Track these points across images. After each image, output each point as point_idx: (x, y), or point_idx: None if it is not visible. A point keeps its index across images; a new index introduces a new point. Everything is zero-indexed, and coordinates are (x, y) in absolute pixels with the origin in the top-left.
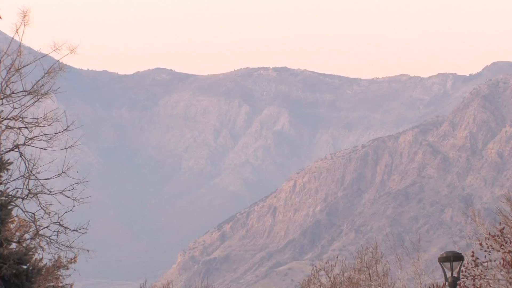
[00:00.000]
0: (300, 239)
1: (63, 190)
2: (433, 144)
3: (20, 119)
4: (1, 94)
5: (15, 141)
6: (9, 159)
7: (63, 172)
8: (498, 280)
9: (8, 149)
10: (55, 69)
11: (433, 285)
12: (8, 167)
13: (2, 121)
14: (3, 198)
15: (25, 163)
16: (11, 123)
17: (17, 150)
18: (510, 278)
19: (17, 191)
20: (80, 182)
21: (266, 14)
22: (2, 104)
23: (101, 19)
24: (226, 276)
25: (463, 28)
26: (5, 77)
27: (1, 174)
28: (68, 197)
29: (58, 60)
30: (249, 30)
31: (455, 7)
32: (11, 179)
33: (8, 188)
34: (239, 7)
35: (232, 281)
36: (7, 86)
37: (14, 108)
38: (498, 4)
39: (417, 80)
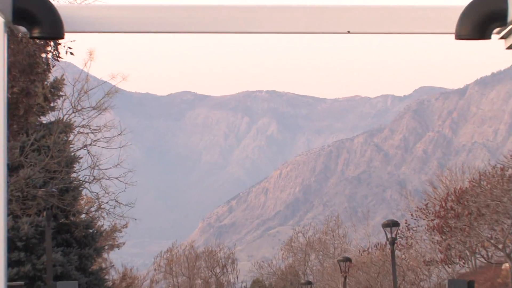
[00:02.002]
0: (285, 210)
1: (118, 177)
2: (377, 144)
3: (88, 127)
4: (74, 109)
5: (84, 142)
6: (80, 155)
7: (118, 164)
8: (424, 240)
9: (79, 148)
10: (112, 91)
11: (378, 243)
12: (79, 161)
13: (74, 128)
14: (75, 182)
15: (91, 158)
16: (81, 130)
17: (85, 148)
18: (432, 238)
19: (86, 177)
20: (129, 171)
21: (260, 52)
22: (74, 116)
23: (145, 54)
24: (233, 237)
25: (398, 61)
26: (77, 97)
27: (74, 165)
28: (121, 181)
29: (114, 85)
30: (248, 64)
31: (394, 48)
32: (81, 169)
33: (79, 175)
34: (243, 50)
35: (236, 240)
36: (78, 103)
37: (83, 119)
38: (425, 45)
39: (366, 99)
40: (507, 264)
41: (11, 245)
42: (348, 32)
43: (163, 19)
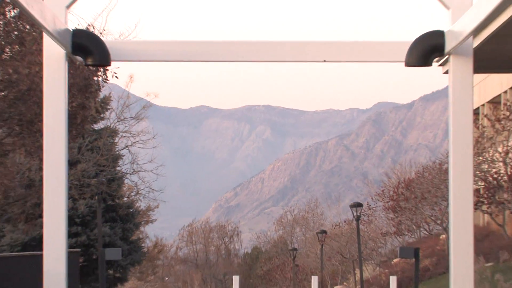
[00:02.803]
0: (276, 195)
1: (151, 170)
2: (346, 145)
3: (128, 132)
4: (118, 119)
5: (126, 144)
6: (122, 154)
7: (151, 160)
8: (381, 217)
9: (122, 148)
10: (147, 106)
11: (347, 219)
12: (122, 158)
13: (118, 133)
14: (119, 174)
15: (131, 155)
16: (123, 134)
17: (127, 148)
18: (387, 216)
19: (127, 170)
20: (160, 166)
21: (258, 76)
22: (118, 124)
23: (171, 77)
24: (238, 215)
25: (361, 82)
26: (120, 110)
27: (118, 161)
28: (154, 173)
29: (148, 101)
30: (249, 85)
31: (359, 71)
32: (124, 164)
33: (122, 168)
34: (245, 74)
35: (240, 217)
36: (121, 114)
37: (125, 126)
38: (382, 69)
39: (338, 111)
40: (443, 235)
41: (71, 221)
42: (324, 61)
43: (184, 51)
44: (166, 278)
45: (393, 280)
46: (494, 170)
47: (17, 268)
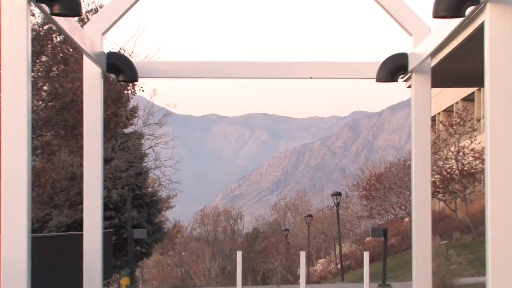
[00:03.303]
0: (272, 186)
1: (171, 165)
2: (328, 146)
3: (152, 135)
4: (144, 124)
5: (150, 144)
6: (148, 153)
7: (170, 158)
8: (356, 204)
9: (147, 148)
10: (167, 113)
11: (329, 206)
12: (147, 155)
13: (144, 136)
14: (145, 169)
15: (154, 154)
16: (148, 137)
17: (151, 148)
18: (361, 203)
19: (151, 166)
20: (177, 162)
21: (258, 90)
22: (144, 129)
23: (187, 90)
24: (241, 202)
25: (340, 94)
26: (146, 117)
27: (144, 159)
28: (173, 168)
29: (168, 110)
30: (250, 97)
31: (339, 86)
32: (149, 161)
33: (147, 164)
34: (247, 89)
35: (243, 204)
36: (147, 121)
37: (150, 130)
38: (358, 84)
39: (321, 118)
40: (407, 219)
41: (105, 207)
42: (311, 77)
43: (197, 70)
44: (183, 253)
45: (366, 255)
46: (447, 166)
47: (62, 245)
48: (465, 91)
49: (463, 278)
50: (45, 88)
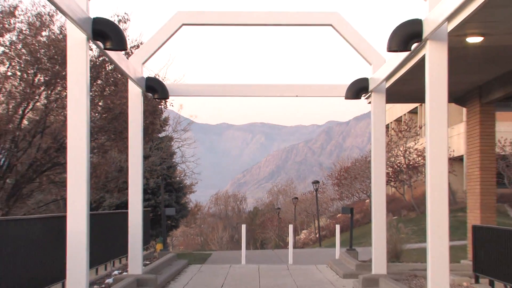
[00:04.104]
0: (268, 176)
1: (193, 161)
2: (310, 147)
3: (179, 138)
4: (173, 130)
5: (177, 145)
6: (176, 151)
7: (193, 155)
8: (330, 189)
9: (175, 148)
10: (190, 122)
11: (310, 191)
12: (175, 153)
13: (173, 139)
14: (174, 163)
15: (181, 152)
16: (176, 140)
17: (178, 148)
18: (334, 188)
19: (178, 161)
20: (198, 158)
21: (257, 107)
22: (173, 133)
23: (205, 105)
24: (245, 188)
25: (319, 107)
26: (174, 125)
27: (173, 156)
28: (195, 163)
29: (191, 120)
30: (251, 110)
31: (317, 102)
32: (176, 157)
33: (175, 160)
34: (250, 105)
35: (246, 189)
36: (175, 128)
37: (177, 135)
38: (331, 101)
39: (304, 126)
40: (367, 200)
41: (145, 192)
42: (297, 95)
43: (212, 90)
44: (202, 226)
45: (337, 227)
46: (397, 161)
47: (112, 220)
48: (411, 105)
49: (409, 244)
50: (100, 104)
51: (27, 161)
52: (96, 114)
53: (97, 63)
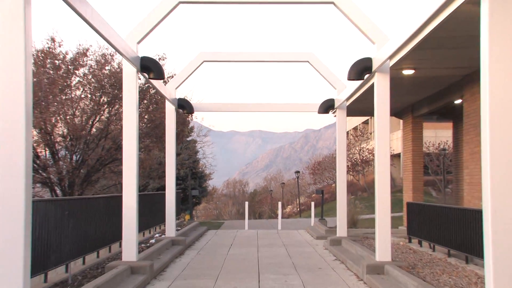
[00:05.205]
0: (263, 167)
1: (211, 157)
2: (293, 147)
3: (201, 141)
4: (197, 136)
5: (200, 146)
6: (199, 151)
7: (211, 153)
8: (307, 177)
9: (199, 148)
10: (209, 130)
11: (293, 178)
12: (198, 152)
13: (197, 142)
14: (197, 159)
15: (202, 151)
16: (199, 142)
17: (201, 148)
18: (311, 176)
19: (200, 157)
20: (214, 155)
21: (256, 123)
22: (197, 137)
23: (219, 118)
24: (247, 176)
25: (299, 119)
26: (198, 132)
27: (197, 154)
28: (212, 158)
29: (209, 128)
30: (253, 121)
31: (301, 115)
32: (199, 154)
33: (198, 156)
34: (251, 119)
35: (248, 177)
36: (198, 133)
37: (200, 139)
38: (309, 116)
39: (289, 132)
40: (333, 184)
41: (177, 178)
42: (285, 111)
43: (224, 107)
44: (217, 202)
45: (312, 204)
46: (354, 157)
47: (155, 199)
48: (364, 118)
49: (362, 215)
50: (146, 117)
51: (95, 157)
52: (143, 124)
53: (144, 88)
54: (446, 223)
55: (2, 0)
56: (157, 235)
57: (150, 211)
